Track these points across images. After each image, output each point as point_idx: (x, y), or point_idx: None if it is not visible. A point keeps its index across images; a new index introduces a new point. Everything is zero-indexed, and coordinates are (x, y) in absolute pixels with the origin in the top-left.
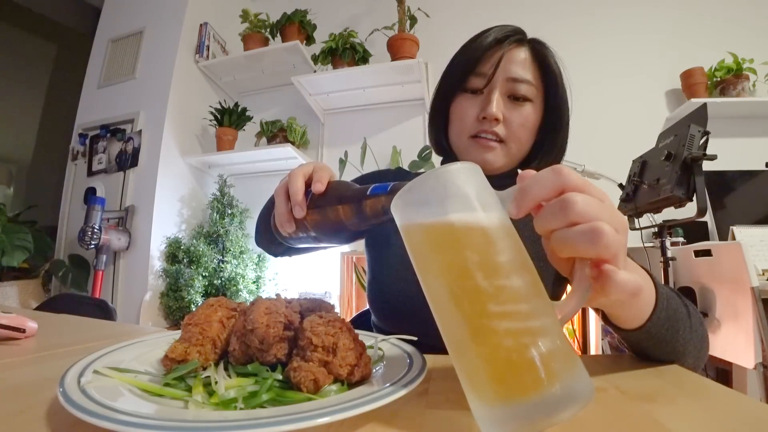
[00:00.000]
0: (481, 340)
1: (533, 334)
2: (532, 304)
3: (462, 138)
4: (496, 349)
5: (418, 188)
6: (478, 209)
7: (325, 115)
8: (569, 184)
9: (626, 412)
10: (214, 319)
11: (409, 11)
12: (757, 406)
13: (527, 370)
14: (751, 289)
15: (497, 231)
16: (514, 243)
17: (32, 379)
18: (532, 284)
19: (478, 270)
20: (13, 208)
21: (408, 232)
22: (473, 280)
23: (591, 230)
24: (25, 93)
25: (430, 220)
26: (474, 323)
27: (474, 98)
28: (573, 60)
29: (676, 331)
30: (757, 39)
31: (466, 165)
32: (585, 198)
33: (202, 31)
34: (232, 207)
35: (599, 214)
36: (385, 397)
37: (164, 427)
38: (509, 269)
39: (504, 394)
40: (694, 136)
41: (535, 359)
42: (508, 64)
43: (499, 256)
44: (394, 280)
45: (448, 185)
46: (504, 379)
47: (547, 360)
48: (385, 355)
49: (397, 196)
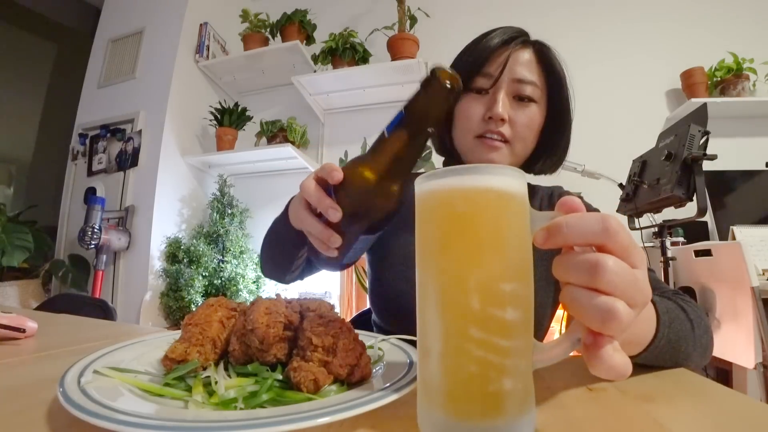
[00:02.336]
0: (452, 355)
1: (502, 371)
2: (514, 343)
3: (467, 138)
4: (460, 369)
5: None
6: (509, 224)
7: (325, 115)
8: (612, 243)
9: (626, 412)
10: (214, 319)
11: (409, 11)
12: (757, 406)
13: (482, 400)
14: (751, 289)
15: (514, 256)
16: (526, 275)
17: (32, 379)
18: (523, 322)
19: (478, 290)
20: (13, 208)
21: (428, 198)
22: (468, 297)
23: (607, 310)
24: (25, 93)
25: (460, 186)
26: (451, 338)
27: (479, 98)
28: (573, 60)
29: (677, 350)
30: (757, 39)
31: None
32: (618, 266)
33: (202, 31)
34: (232, 207)
35: (624, 291)
36: (384, 397)
37: (164, 427)
38: (509, 301)
39: (452, 409)
40: (694, 136)
41: (493, 393)
42: (513, 65)
43: (505, 282)
44: (396, 279)
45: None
46: (458, 398)
47: (503, 397)
48: (385, 355)
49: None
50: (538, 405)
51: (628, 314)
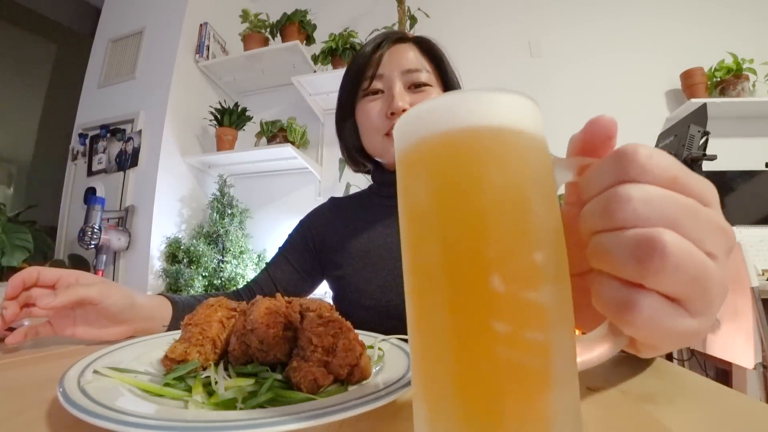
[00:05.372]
0: (468, 364)
1: (544, 379)
2: (555, 337)
3: (376, 137)
4: (483, 382)
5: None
6: (532, 173)
7: (325, 115)
8: (629, 171)
9: (626, 412)
10: (214, 319)
11: (409, 11)
12: (757, 406)
13: (518, 423)
14: (750, 289)
15: (542, 214)
16: (559, 241)
17: (32, 379)
18: (562, 306)
19: (499, 264)
20: (13, 208)
21: (413, 151)
22: (487, 275)
23: (641, 240)
24: (25, 93)
25: (461, 126)
26: (466, 339)
27: (376, 98)
28: (573, 60)
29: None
30: (757, 39)
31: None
32: (648, 192)
33: (202, 31)
34: (232, 207)
35: (668, 217)
36: (385, 397)
37: (164, 427)
38: (543, 277)
39: None
40: (694, 136)
41: (534, 411)
42: (398, 59)
43: (534, 251)
44: (354, 308)
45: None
46: (478, 425)
47: (548, 418)
48: (385, 355)
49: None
50: None
51: (684, 248)
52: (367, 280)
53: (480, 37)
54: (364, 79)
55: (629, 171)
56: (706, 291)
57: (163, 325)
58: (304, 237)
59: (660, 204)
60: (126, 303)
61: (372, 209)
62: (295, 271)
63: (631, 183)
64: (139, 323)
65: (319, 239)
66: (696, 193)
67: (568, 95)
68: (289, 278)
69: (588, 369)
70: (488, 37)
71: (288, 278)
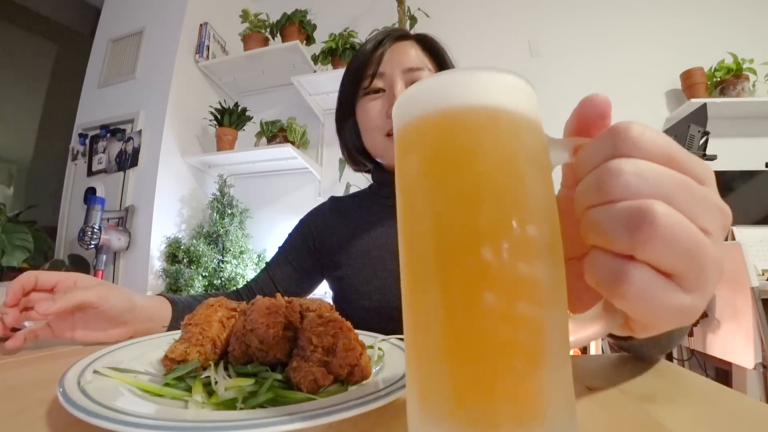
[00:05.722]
0: (461, 338)
1: (536, 354)
2: (549, 313)
3: (378, 137)
4: (476, 357)
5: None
6: (526, 151)
7: (325, 115)
8: (621, 147)
9: (626, 412)
10: (214, 319)
11: (409, 11)
12: (757, 406)
13: (509, 398)
14: (750, 290)
15: (536, 190)
16: (552, 217)
17: (32, 379)
18: (556, 283)
19: (491, 237)
20: (13, 208)
21: (427, 124)
22: (478, 247)
23: (632, 211)
24: (25, 93)
25: (461, 104)
26: (459, 311)
27: (377, 97)
28: (573, 60)
29: (671, 333)
30: (757, 39)
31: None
32: (640, 166)
33: (202, 31)
34: (232, 207)
35: (661, 190)
36: (385, 397)
37: (164, 427)
38: (536, 251)
39: (465, 417)
40: (694, 136)
41: (525, 386)
42: (399, 57)
43: (527, 225)
44: (352, 310)
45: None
46: (473, 399)
47: (540, 391)
48: (385, 355)
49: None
50: None
51: (675, 220)
52: (367, 281)
53: (480, 37)
54: (364, 77)
55: (621, 147)
56: (699, 266)
57: (162, 326)
58: (303, 237)
59: (653, 177)
60: (125, 305)
61: (372, 209)
62: (294, 271)
63: (623, 158)
64: (139, 324)
65: (319, 239)
66: (691, 171)
67: (567, 95)
68: (288, 278)
69: (588, 369)
70: (488, 37)
71: (288, 278)
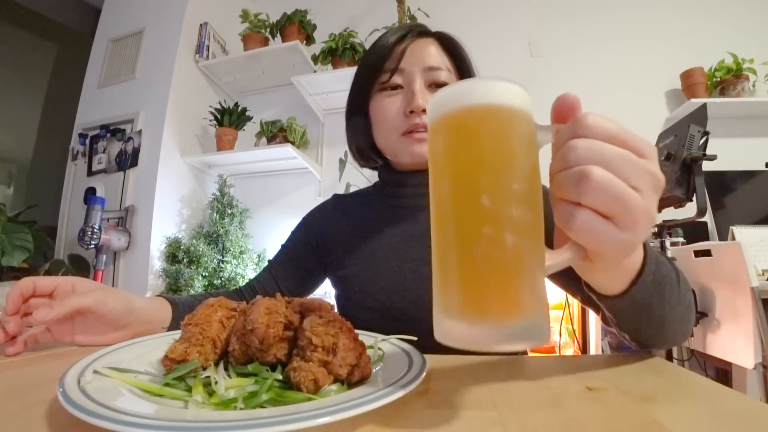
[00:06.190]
0: (467, 256)
1: (516, 268)
2: (525, 241)
3: (392, 136)
4: (475, 269)
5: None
6: (517, 131)
7: (325, 115)
8: (578, 130)
9: (626, 412)
10: (214, 319)
11: (409, 11)
12: (757, 406)
13: (498, 298)
14: (750, 290)
15: (522, 162)
16: (534, 180)
17: (32, 379)
18: (533, 222)
19: (488, 190)
20: (13, 208)
21: (450, 117)
22: (479, 196)
23: (578, 172)
24: (25, 93)
25: (477, 103)
26: (465, 240)
27: (394, 95)
28: (573, 60)
29: (663, 300)
30: (757, 39)
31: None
32: (588, 143)
33: (202, 31)
34: (232, 207)
35: (602, 159)
36: (385, 397)
37: (164, 427)
38: (518, 200)
39: (469, 311)
40: (693, 136)
41: (508, 291)
42: (420, 54)
43: (514, 183)
44: (357, 310)
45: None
46: (474, 298)
47: (520, 295)
48: (385, 355)
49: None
50: (536, 404)
51: (606, 179)
52: (372, 281)
53: (480, 37)
54: (383, 71)
55: (578, 130)
56: (628, 210)
57: (162, 327)
58: (306, 235)
59: (597, 150)
60: (124, 308)
61: (377, 208)
62: (297, 270)
63: (579, 138)
64: (139, 327)
65: (322, 238)
66: (632, 147)
67: None
68: (291, 276)
69: (588, 369)
70: (488, 37)
71: (290, 276)
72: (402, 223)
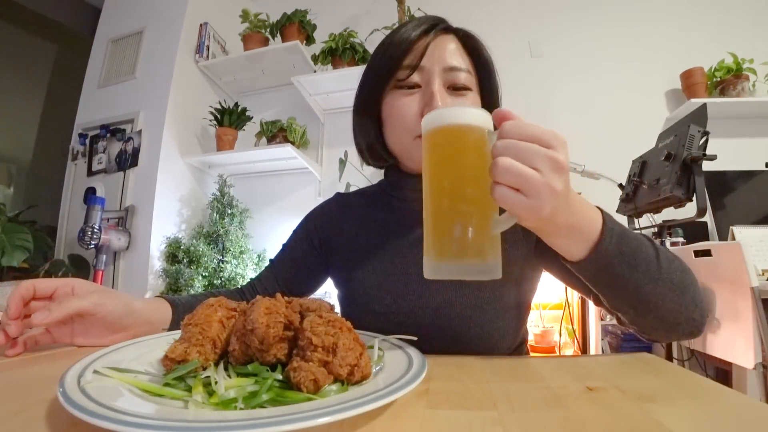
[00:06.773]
0: (435, 218)
1: (467, 224)
2: (473, 208)
3: (406, 138)
4: (440, 225)
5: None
6: (472, 143)
7: (325, 115)
8: (501, 134)
9: (626, 412)
10: (214, 319)
11: (409, 11)
12: (757, 406)
13: (454, 244)
14: (751, 289)
15: (474, 159)
16: (483, 171)
17: (32, 379)
18: (480, 195)
19: (449, 176)
20: (13, 208)
21: (437, 133)
22: (443, 180)
23: (494, 161)
24: (25, 93)
25: (455, 123)
26: (435, 208)
27: (410, 94)
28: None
29: (634, 268)
30: (757, 39)
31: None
32: (505, 142)
33: (202, 31)
34: (232, 207)
35: (513, 152)
36: (385, 397)
37: (164, 427)
38: (469, 182)
39: (435, 253)
40: (693, 136)
41: (462, 239)
42: (442, 53)
43: (467, 171)
44: (361, 312)
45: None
46: (439, 243)
47: (470, 243)
48: (385, 355)
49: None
50: (536, 404)
51: (508, 165)
52: (378, 284)
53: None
54: (402, 67)
55: (501, 134)
56: (528, 183)
57: (162, 328)
58: (308, 234)
59: (509, 145)
60: (123, 310)
61: (382, 209)
62: (298, 269)
63: (502, 139)
64: (138, 329)
65: (325, 237)
66: (541, 141)
67: (568, 95)
68: (293, 276)
69: (588, 369)
70: (488, 37)
71: (292, 276)
72: (408, 226)
